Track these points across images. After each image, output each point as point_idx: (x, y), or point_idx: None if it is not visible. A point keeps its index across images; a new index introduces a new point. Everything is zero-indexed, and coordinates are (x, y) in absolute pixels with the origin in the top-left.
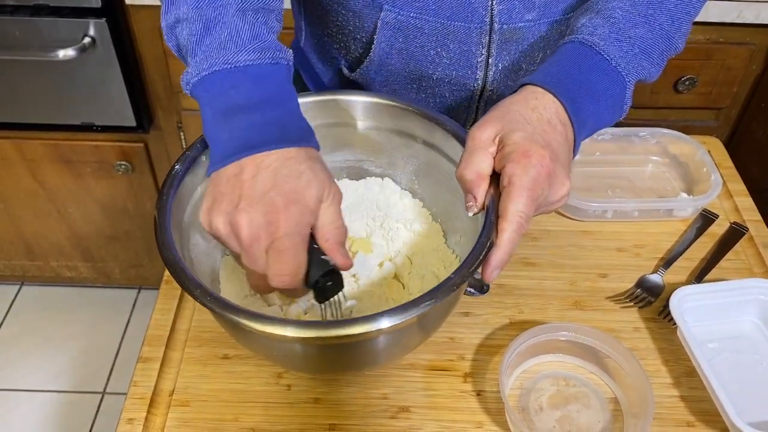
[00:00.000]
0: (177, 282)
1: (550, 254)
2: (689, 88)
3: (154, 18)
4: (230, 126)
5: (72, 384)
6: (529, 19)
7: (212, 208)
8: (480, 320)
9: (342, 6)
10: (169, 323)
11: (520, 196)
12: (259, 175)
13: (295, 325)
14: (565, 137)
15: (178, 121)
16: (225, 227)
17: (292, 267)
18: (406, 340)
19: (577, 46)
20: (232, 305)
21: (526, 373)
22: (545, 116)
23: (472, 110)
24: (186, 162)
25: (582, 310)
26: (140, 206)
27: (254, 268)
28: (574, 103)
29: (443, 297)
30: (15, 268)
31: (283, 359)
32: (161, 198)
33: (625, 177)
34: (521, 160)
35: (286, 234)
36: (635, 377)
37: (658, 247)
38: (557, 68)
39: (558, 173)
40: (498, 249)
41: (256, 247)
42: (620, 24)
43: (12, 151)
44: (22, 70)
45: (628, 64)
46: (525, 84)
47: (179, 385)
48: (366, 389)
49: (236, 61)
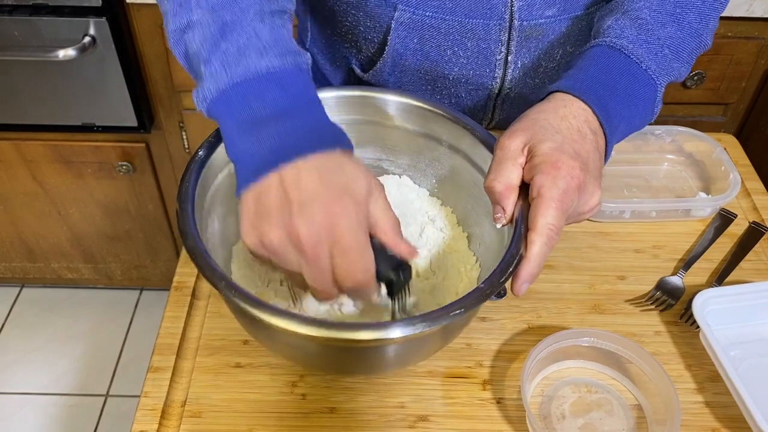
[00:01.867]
0: (200, 271)
1: (567, 256)
2: (697, 83)
3: (155, 16)
4: (259, 137)
5: (74, 387)
6: (549, 15)
7: (261, 224)
8: (497, 325)
9: (352, 6)
10: (179, 331)
11: (550, 208)
12: (302, 179)
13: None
14: (596, 145)
15: (180, 120)
16: (281, 239)
17: (364, 264)
18: (425, 346)
19: (606, 49)
20: (255, 299)
21: (546, 380)
22: (575, 125)
23: (489, 110)
24: (208, 148)
25: (601, 313)
26: (142, 207)
27: (321, 277)
28: (605, 109)
29: (473, 306)
30: (15, 270)
31: (304, 357)
32: (183, 184)
33: (640, 176)
34: (551, 171)
35: (348, 231)
36: (659, 383)
37: (677, 248)
38: (586, 74)
39: (588, 183)
40: (528, 262)
41: (321, 250)
42: (648, 24)
43: (12, 153)
44: (21, 70)
45: (658, 66)
46: (553, 91)
47: (191, 395)
48: (382, 398)
49: (258, 69)
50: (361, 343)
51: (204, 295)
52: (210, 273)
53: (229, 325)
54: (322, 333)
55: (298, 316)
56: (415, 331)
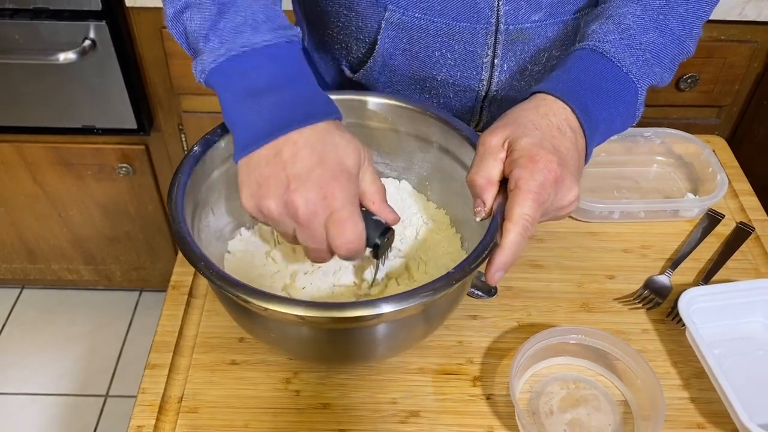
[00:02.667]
0: (184, 255)
1: (556, 256)
2: (691, 86)
3: (154, 20)
4: (256, 108)
5: (74, 387)
6: (535, 19)
7: (260, 193)
8: (488, 323)
9: (344, 6)
10: (176, 329)
11: (526, 200)
12: (299, 153)
13: (305, 305)
14: (575, 143)
15: (179, 123)
16: (279, 209)
17: (356, 234)
18: (408, 330)
19: (588, 52)
20: (240, 283)
21: (535, 377)
22: (555, 123)
23: (476, 112)
24: (204, 144)
25: (590, 312)
26: (141, 208)
27: (313, 243)
28: (586, 109)
29: (442, 290)
30: (16, 272)
31: (288, 342)
32: (177, 175)
33: (630, 177)
34: (528, 164)
35: (342, 205)
36: (645, 379)
37: (665, 248)
38: (568, 75)
39: (565, 179)
40: (502, 250)
41: (315, 222)
42: (631, 30)
43: (13, 155)
44: (22, 73)
45: (639, 70)
46: (536, 92)
47: (188, 391)
48: (375, 394)
49: (253, 43)
50: (342, 323)
51: (201, 293)
52: (191, 255)
53: (225, 323)
54: (306, 312)
55: (281, 297)
56: (391, 309)
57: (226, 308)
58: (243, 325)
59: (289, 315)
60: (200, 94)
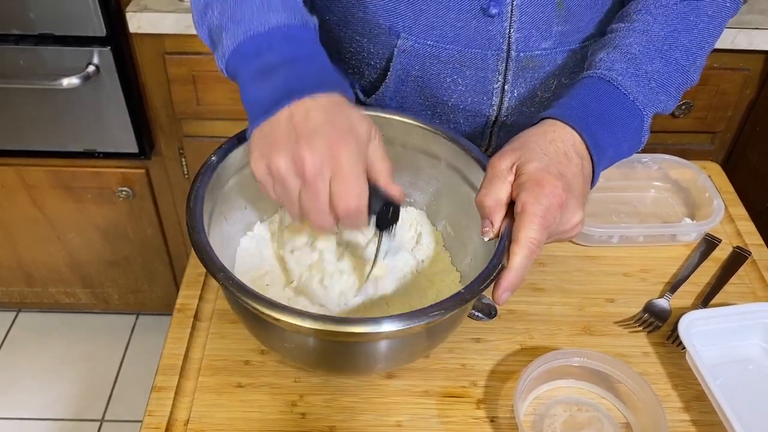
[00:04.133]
0: (202, 264)
1: (557, 279)
2: (685, 112)
3: (157, 46)
4: (269, 83)
5: (70, 411)
6: (545, 47)
7: (270, 151)
8: (491, 346)
9: (357, 33)
10: (182, 352)
11: (532, 223)
12: (310, 113)
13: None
14: (581, 169)
15: (180, 147)
16: (287, 166)
17: (357, 192)
18: (412, 347)
19: (596, 80)
20: (254, 292)
21: (538, 399)
22: (562, 149)
23: (486, 136)
24: (221, 153)
25: (591, 335)
26: (140, 232)
27: (316, 203)
28: (593, 135)
29: (452, 309)
30: (13, 295)
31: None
32: (195, 184)
33: (628, 202)
34: (534, 188)
35: (347, 162)
36: (647, 402)
37: (664, 272)
38: (576, 102)
39: (570, 203)
40: (509, 272)
41: (320, 178)
42: (637, 59)
43: (13, 178)
44: (25, 98)
45: (645, 98)
46: (545, 117)
47: (194, 414)
48: (381, 417)
49: (268, 23)
50: (352, 337)
51: (206, 317)
52: (210, 264)
53: (231, 345)
54: (313, 324)
55: (292, 309)
56: (400, 327)
57: (240, 317)
58: (256, 334)
59: (301, 327)
60: (201, 118)
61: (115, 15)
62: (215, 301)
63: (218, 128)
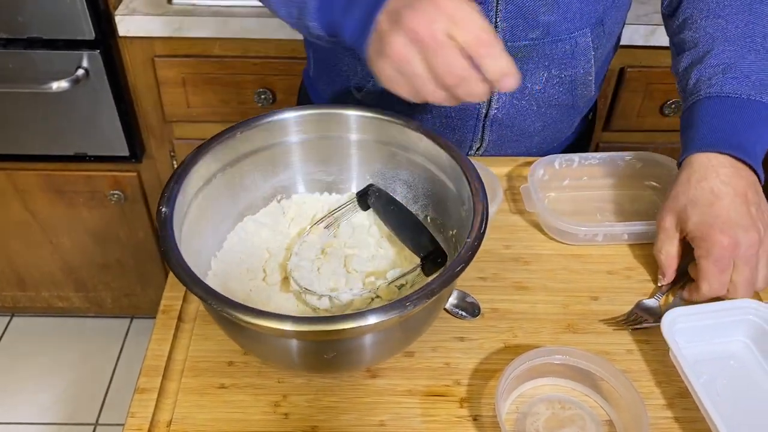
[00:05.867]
0: (174, 274)
1: (542, 278)
2: (675, 111)
3: (146, 49)
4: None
5: (64, 416)
6: (532, 37)
7: (382, 45)
8: (475, 345)
9: None
10: (165, 353)
11: (705, 279)
12: None
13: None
14: (735, 190)
15: (171, 150)
16: (402, 40)
17: (481, 20)
18: (389, 342)
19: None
20: (230, 300)
21: (521, 398)
22: (708, 186)
23: (478, 131)
24: (190, 158)
25: (575, 333)
26: (133, 235)
27: (447, 57)
28: (736, 145)
29: (422, 300)
30: (6, 300)
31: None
32: (166, 188)
33: (613, 200)
34: (701, 244)
35: (455, 7)
36: (629, 399)
37: (648, 270)
38: (703, 129)
39: (738, 235)
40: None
41: (437, 29)
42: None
43: (4, 182)
44: (15, 102)
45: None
46: (685, 158)
47: (177, 415)
48: (363, 416)
49: None
50: (333, 334)
51: (190, 318)
52: (182, 274)
53: (214, 347)
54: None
55: (265, 313)
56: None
57: (214, 318)
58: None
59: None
60: (192, 121)
61: (105, 18)
62: (199, 303)
63: (209, 130)
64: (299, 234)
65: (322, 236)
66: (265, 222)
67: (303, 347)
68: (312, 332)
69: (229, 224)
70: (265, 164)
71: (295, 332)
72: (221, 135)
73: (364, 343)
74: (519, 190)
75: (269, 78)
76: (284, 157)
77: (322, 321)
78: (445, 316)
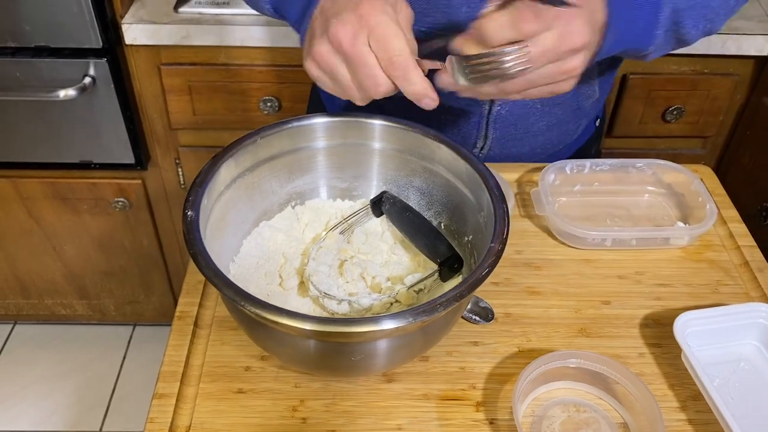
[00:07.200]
0: (205, 276)
1: (553, 283)
2: (677, 117)
3: (153, 57)
4: None
5: (67, 423)
6: None
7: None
8: (489, 349)
9: None
10: (182, 359)
11: None
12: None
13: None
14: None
15: (176, 158)
16: (327, 49)
17: (398, 43)
18: (408, 347)
19: None
20: (251, 296)
21: (537, 401)
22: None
23: (482, 128)
24: (212, 162)
25: (588, 337)
26: (137, 242)
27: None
28: None
29: (445, 307)
30: (9, 307)
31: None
32: (191, 191)
33: (622, 206)
34: None
35: (378, 22)
36: (644, 402)
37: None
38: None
39: None
40: None
41: (359, 42)
42: None
43: (9, 190)
44: (22, 110)
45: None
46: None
47: (195, 420)
48: (381, 420)
49: None
50: (345, 337)
51: (206, 324)
52: (208, 271)
53: (231, 352)
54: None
55: (287, 311)
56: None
57: (238, 320)
58: (254, 338)
59: (295, 328)
60: (197, 128)
61: (111, 26)
62: (215, 308)
63: (214, 138)
64: (314, 240)
65: (337, 242)
66: (280, 227)
67: (329, 348)
68: (354, 333)
69: (247, 228)
70: (283, 169)
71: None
72: (243, 139)
73: (386, 346)
74: (529, 194)
75: (275, 86)
76: (307, 162)
77: (363, 322)
78: (460, 321)
